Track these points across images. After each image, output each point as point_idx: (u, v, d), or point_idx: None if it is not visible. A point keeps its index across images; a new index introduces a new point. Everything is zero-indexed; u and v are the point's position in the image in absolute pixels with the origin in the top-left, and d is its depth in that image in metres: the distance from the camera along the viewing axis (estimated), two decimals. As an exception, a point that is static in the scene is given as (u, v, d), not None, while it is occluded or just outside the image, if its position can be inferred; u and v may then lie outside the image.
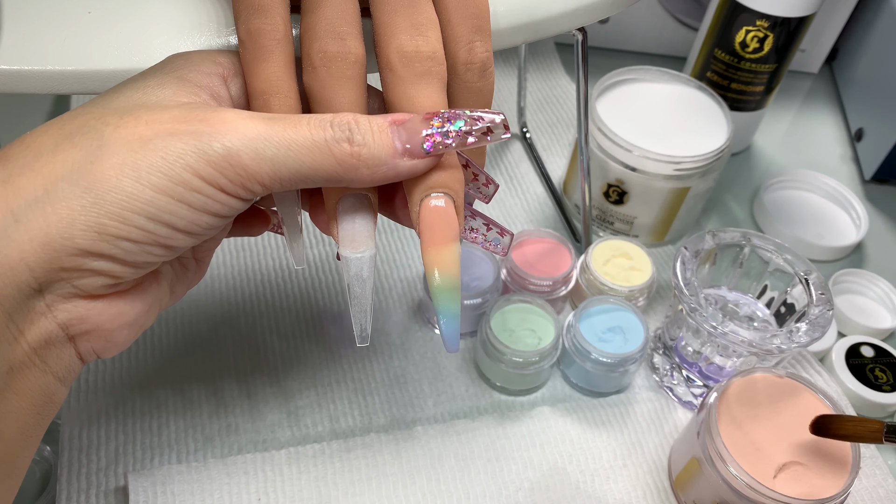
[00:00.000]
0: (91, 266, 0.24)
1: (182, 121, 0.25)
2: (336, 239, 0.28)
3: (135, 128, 0.25)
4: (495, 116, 0.27)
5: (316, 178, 0.26)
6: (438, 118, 0.26)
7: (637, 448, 0.45)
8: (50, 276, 0.24)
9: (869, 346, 0.52)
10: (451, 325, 0.27)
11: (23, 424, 0.26)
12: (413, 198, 0.27)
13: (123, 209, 0.24)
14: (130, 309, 0.27)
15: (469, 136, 0.26)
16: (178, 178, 0.24)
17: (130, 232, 0.24)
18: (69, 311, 0.25)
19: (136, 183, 0.24)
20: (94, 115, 0.25)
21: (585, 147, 0.50)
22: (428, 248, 0.27)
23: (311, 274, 0.53)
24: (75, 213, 0.24)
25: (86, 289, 0.25)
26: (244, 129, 0.25)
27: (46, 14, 0.31)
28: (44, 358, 0.25)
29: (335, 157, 0.25)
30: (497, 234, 0.31)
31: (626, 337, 0.47)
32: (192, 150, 0.24)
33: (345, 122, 0.26)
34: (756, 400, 0.41)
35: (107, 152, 0.24)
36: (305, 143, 0.25)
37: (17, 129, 0.69)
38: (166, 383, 0.46)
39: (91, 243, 0.24)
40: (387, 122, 0.26)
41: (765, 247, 0.46)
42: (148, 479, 0.41)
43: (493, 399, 0.48)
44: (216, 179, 0.25)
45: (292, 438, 0.45)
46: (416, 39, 0.27)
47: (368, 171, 0.26)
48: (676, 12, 0.72)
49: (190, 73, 0.27)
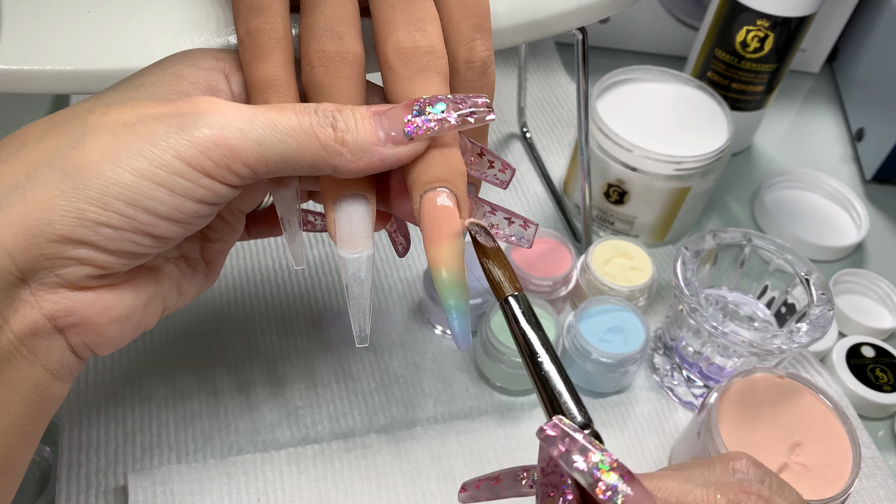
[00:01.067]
0: (72, 254, 0.24)
1: (167, 105, 0.25)
2: (334, 239, 0.28)
3: (119, 114, 0.24)
4: (477, 98, 0.27)
5: (302, 163, 0.26)
6: (419, 103, 0.26)
7: (637, 448, 0.45)
8: (31, 264, 0.24)
9: (869, 347, 0.52)
10: (461, 322, 0.27)
11: (13, 417, 0.25)
12: (414, 194, 0.27)
13: (103, 194, 0.24)
14: (120, 303, 0.27)
15: (449, 118, 0.26)
16: (159, 161, 0.24)
17: (110, 217, 0.24)
18: (55, 303, 0.25)
19: (117, 167, 0.24)
20: (84, 108, 0.25)
21: (586, 147, 0.50)
22: (430, 245, 0.27)
23: (310, 274, 0.53)
24: (54, 197, 0.23)
25: (70, 279, 0.25)
26: (229, 111, 0.25)
27: (46, 14, 0.31)
28: (32, 349, 0.25)
29: (320, 141, 0.25)
30: (520, 228, 0.30)
31: (627, 337, 0.47)
32: (175, 132, 0.24)
33: (329, 110, 0.26)
34: (756, 400, 0.41)
35: (89, 138, 0.24)
36: (291, 124, 0.25)
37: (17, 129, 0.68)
38: (166, 383, 0.46)
39: (70, 229, 0.24)
40: (369, 112, 0.26)
41: (765, 247, 0.46)
42: (147, 479, 0.41)
43: (493, 399, 0.48)
44: (200, 162, 0.24)
45: (292, 439, 0.45)
46: (413, 35, 0.27)
47: (352, 157, 0.26)
48: (677, 12, 0.72)
49: (186, 69, 0.27)
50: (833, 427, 0.40)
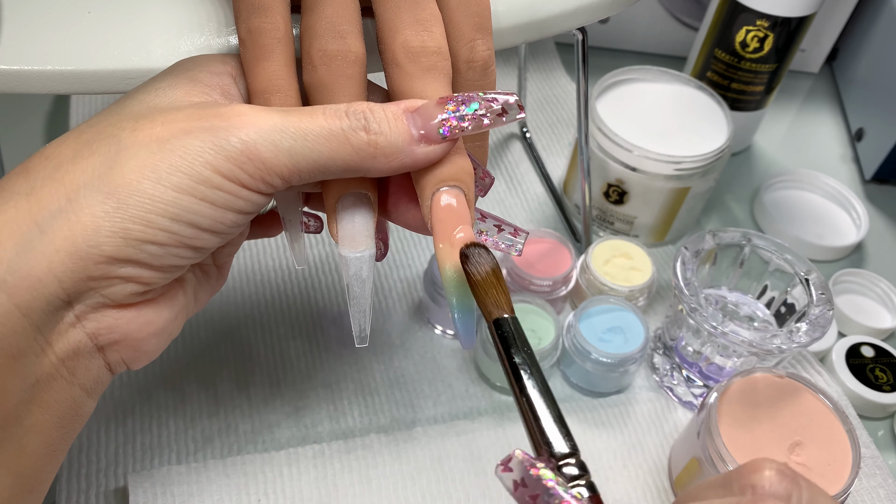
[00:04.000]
0: (119, 273, 0.24)
1: (197, 118, 0.25)
2: (335, 238, 0.28)
3: (151, 129, 0.24)
4: (509, 97, 0.26)
5: (334, 169, 0.26)
6: (453, 102, 0.26)
7: (637, 448, 0.45)
8: (78, 287, 0.24)
9: (869, 346, 0.52)
10: (466, 321, 0.27)
11: (47, 438, 0.25)
12: (424, 193, 0.27)
13: (147, 212, 0.24)
14: (158, 317, 0.27)
15: (485, 118, 0.26)
16: (198, 177, 0.24)
17: (156, 235, 0.24)
18: (98, 321, 0.25)
19: (158, 184, 0.24)
20: (110, 122, 0.25)
21: (585, 147, 0.50)
22: (440, 244, 0.26)
23: (311, 274, 0.53)
24: (99, 219, 0.23)
25: (115, 297, 0.25)
26: (260, 122, 0.25)
27: (46, 14, 0.31)
28: (72, 370, 0.25)
29: (352, 146, 0.25)
30: (510, 236, 0.30)
31: (626, 337, 0.47)
32: (209, 147, 0.24)
33: (360, 111, 0.25)
34: (756, 400, 0.41)
35: (125, 156, 0.24)
36: (322, 132, 0.25)
37: (17, 129, 0.69)
38: (166, 384, 0.46)
39: (117, 249, 0.24)
40: (401, 109, 0.26)
41: (765, 247, 0.46)
42: (148, 479, 0.41)
43: (493, 399, 0.48)
44: (236, 175, 0.24)
45: (292, 439, 0.45)
46: (421, 35, 0.27)
47: (385, 160, 0.26)
48: (676, 12, 0.72)
49: (199, 74, 0.27)
50: (833, 427, 0.40)
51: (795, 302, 0.46)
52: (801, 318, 0.44)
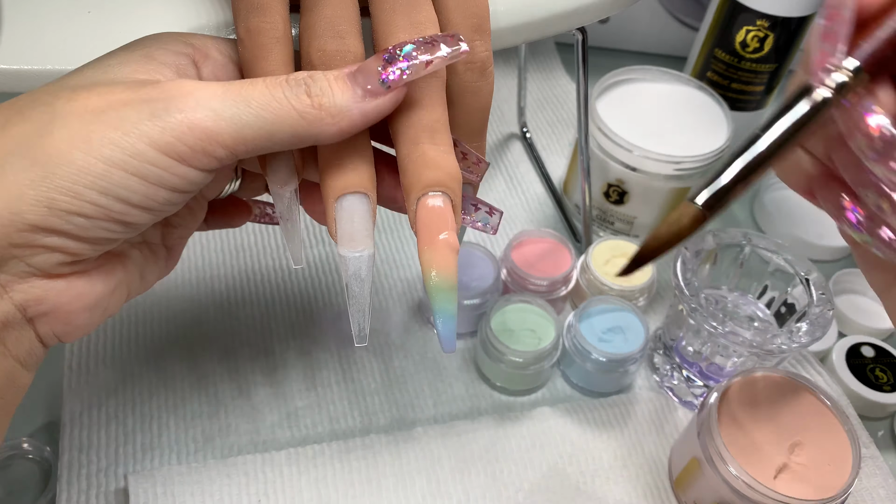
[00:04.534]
0: (43, 242, 0.24)
1: (136, 90, 0.24)
2: (334, 237, 0.28)
3: (87, 100, 0.24)
4: (447, 36, 0.26)
5: (282, 136, 0.25)
6: (388, 51, 0.26)
7: (637, 448, 0.45)
8: (1, 254, 0.23)
9: (869, 346, 0.52)
10: (447, 326, 0.27)
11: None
12: (410, 197, 0.27)
13: (74, 183, 0.23)
14: (91, 290, 0.26)
15: (422, 55, 0.26)
16: (132, 150, 0.23)
17: (83, 207, 0.23)
18: (26, 292, 0.25)
19: (88, 156, 0.23)
20: (48, 91, 0.25)
21: (585, 147, 0.50)
22: (424, 248, 0.26)
23: (310, 274, 0.53)
24: (23, 187, 0.23)
25: (42, 267, 0.24)
26: (200, 93, 0.24)
27: (46, 14, 0.31)
28: (2, 341, 0.25)
29: (296, 110, 0.25)
30: (486, 214, 0.30)
31: (627, 337, 0.47)
32: (146, 118, 0.23)
33: (300, 78, 0.25)
34: (756, 400, 0.41)
35: (57, 125, 0.23)
36: (264, 98, 0.25)
37: None
38: (166, 384, 0.46)
39: (41, 218, 0.23)
40: (341, 72, 0.26)
41: (765, 247, 0.46)
42: (148, 480, 0.41)
43: (493, 399, 0.48)
44: (175, 148, 0.24)
45: (292, 439, 0.45)
46: (414, 38, 0.27)
47: (333, 120, 0.25)
48: (676, 12, 0.72)
49: (156, 52, 0.27)
50: (833, 427, 0.40)
51: (796, 302, 0.46)
52: (801, 318, 0.44)
